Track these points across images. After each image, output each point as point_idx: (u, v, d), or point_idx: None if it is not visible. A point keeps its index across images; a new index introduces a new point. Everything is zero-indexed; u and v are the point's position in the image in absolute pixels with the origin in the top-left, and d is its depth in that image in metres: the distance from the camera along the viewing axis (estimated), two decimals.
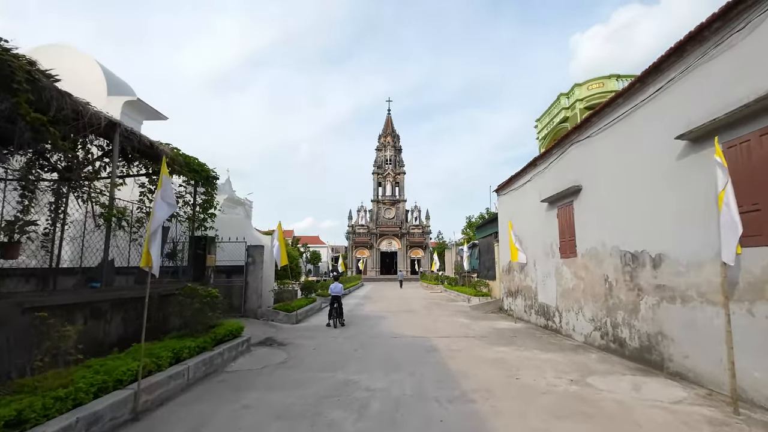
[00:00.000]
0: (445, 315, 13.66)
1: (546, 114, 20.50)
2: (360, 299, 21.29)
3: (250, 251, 11.54)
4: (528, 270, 11.57)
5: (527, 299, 11.59)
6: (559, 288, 9.48)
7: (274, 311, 11.37)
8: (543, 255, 10.45)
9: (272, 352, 7.64)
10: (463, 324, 11.30)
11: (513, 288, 12.99)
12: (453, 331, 9.94)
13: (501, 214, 14.72)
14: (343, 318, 11.08)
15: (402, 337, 9.09)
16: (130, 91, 13.99)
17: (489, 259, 19.23)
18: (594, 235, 7.87)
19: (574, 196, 8.68)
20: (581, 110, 17.40)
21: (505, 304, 13.81)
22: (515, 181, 12.76)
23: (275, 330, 10.12)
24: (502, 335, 9.32)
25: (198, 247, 8.09)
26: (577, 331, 8.47)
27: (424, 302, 19.02)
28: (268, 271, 12.28)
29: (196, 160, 8.47)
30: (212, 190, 8.64)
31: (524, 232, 11.87)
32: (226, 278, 11.50)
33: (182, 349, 5.51)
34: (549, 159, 10.11)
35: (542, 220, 10.52)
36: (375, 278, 55.37)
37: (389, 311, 15.06)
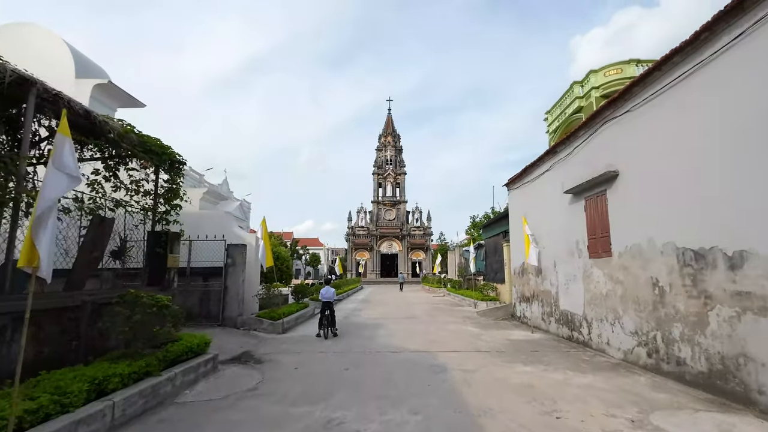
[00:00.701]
0: (451, 322, 12.24)
1: (557, 105, 19.13)
2: (358, 303, 19.88)
3: (230, 251, 10.15)
4: (546, 272, 10.16)
5: (545, 306, 10.18)
6: (587, 294, 8.07)
7: (257, 319, 9.97)
8: (566, 255, 9.05)
9: (244, 372, 6.24)
10: (473, 334, 9.88)
11: (527, 293, 11.57)
12: (462, 343, 8.53)
13: (512, 210, 13.32)
14: (335, 327, 9.68)
15: (403, 352, 7.68)
16: (101, 74, 12.66)
17: (497, 260, 17.82)
18: (636, 230, 6.48)
19: (608, 184, 7.29)
20: (597, 99, 16.04)
21: (518, 311, 12.39)
22: (530, 172, 11.37)
23: (256, 342, 8.72)
24: (520, 349, 7.91)
25: (157, 245, 6.70)
26: (613, 345, 7.05)
27: (427, 307, 17.60)
28: (252, 274, 10.89)
29: (158, 141, 7.11)
30: (177, 177, 7.27)
31: (541, 229, 10.47)
32: (203, 282, 10.11)
33: (109, 378, 4.11)
34: (573, 143, 8.73)
35: (565, 214, 9.13)
36: (375, 281, 53.92)
37: (389, 318, 13.64)
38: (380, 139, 65.77)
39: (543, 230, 10.40)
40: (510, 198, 13.47)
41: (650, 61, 15.39)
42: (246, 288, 10.44)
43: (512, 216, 13.30)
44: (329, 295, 9.56)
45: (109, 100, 12.70)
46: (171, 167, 7.28)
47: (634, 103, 6.53)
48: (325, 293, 9.57)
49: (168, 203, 7.13)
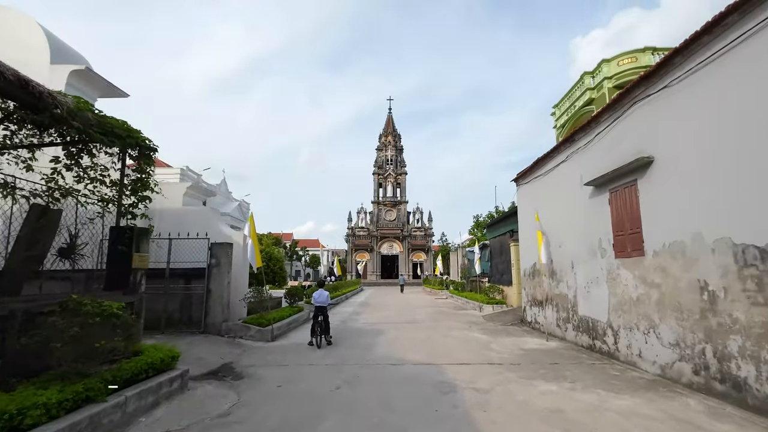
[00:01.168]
0: (456, 328, 11.31)
1: (566, 98, 18.22)
2: (357, 306, 18.95)
3: (213, 250, 9.23)
4: (562, 274, 9.22)
5: (561, 311, 9.24)
6: (612, 298, 7.13)
7: (243, 326, 9.04)
8: (586, 255, 8.12)
9: (218, 392, 5.31)
10: (481, 342, 8.95)
11: (539, 296, 10.63)
12: (470, 354, 7.60)
13: (522, 207, 12.39)
14: (329, 334, 8.75)
15: (404, 365, 6.75)
16: (79, 60, 11.77)
17: (503, 261, 16.89)
18: (678, 224, 5.55)
19: (640, 172, 6.37)
20: (610, 89, 15.12)
21: (529, 315, 11.45)
22: (543, 164, 10.44)
23: (240, 352, 7.80)
24: (537, 360, 6.97)
25: (121, 242, 5.79)
26: (647, 358, 6.12)
27: (429, 311, 16.66)
28: (239, 276, 9.98)
29: (124, 124, 6.21)
30: (147, 166, 6.35)
31: (556, 227, 9.55)
32: (185, 285, 9.19)
33: (27, 410, 3.20)
34: (595, 130, 7.81)
35: (584, 210, 8.20)
36: (375, 282, 52.98)
37: (389, 322, 12.71)
38: (380, 139, 64.91)
39: (558, 228, 9.47)
40: (519, 194, 12.54)
41: (667, 49, 14.47)
42: (232, 291, 9.52)
43: (521, 213, 12.37)
44: (322, 299, 8.64)
45: (87, 88, 11.79)
46: (140, 154, 6.38)
47: (674, 77, 5.61)
48: (318, 297, 8.65)
49: (135, 195, 6.22)
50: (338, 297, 21.20)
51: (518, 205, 12.65)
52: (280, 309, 11.84)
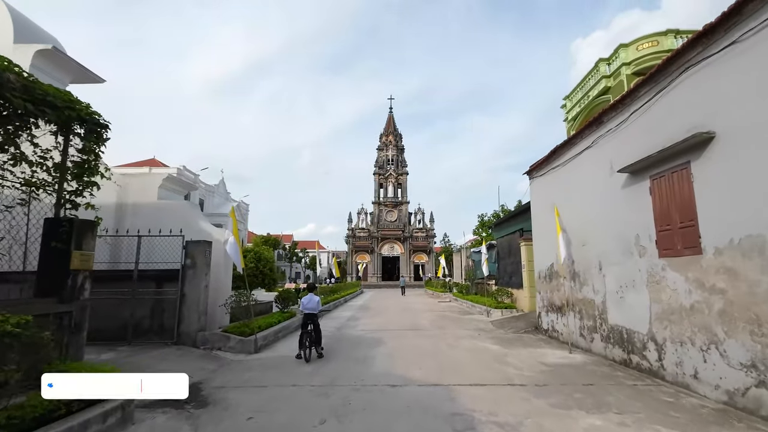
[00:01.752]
0: (464, 336, 10.16)
1: (578, 88, 17.07)
2: (356, 310, 17.81)
3: (189, 249, 8.11)
4: (587, 276, 8.07)
5: (586, 318, 8.08)
6: (655, 305, 5.98)
7: (223, 335, 7.91)
8: (618, 254, 6.97)
9: (169, 426, 4.18)
10: (495, 354, 7.80)
11: (558, 301, 9.48)
12: (486, 370, 6.45)
13: (535, 203, 11.25)
14: (321, 345, 7.62)
15: (407, 386, 5.60)
16: (48, 39, 10.68)
17: (512, 262, 15.74)
18: (752, 215, 4.40)
19: (694, 152, 5.22)
20: (628, 77, 13.98)
21: (545, 322, 10.29)
22: (561, 153, 9.30)
23: (214, 367, 6.67)
24: (567, 380, 5.82)
25: (56, 238, 4.67)
26: (707, 380, 4.96)
27: (433, 315, 15.50)
28: (220, 278, 8.86)
29: (67, 94, 5.11)
30: (94, 145, 5.24)
31: (578, 223, 8.41)
32: (156, 288, 8.06)
33: None
34: (630, 106, 6.67)
35: (616, 201, 7.06)
36: (376, 285, 51.84)
37: (389, 329, 11.57)
38: (381, 139, 63.83)
39: (581, 224, 8.33)
40: (532, 188, 11.39)
41: (691, 32, 13.35)
42: (211, 295, 8.40)
43: (535, 209, 11.22)
44: (312, 305, 7.50)
45: (56, 71, 10.69)
46: (89, 133, 5.27)
47: (746, 29, 4.47)
48: (307, 303, 7.51)
49: (78, 180, 5.10)
50: (336, 300, 20.07)
51: (531, 200, 11.50)
52: (269, 315, 10.71)
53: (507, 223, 17.35)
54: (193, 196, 50.75)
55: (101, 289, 7.77)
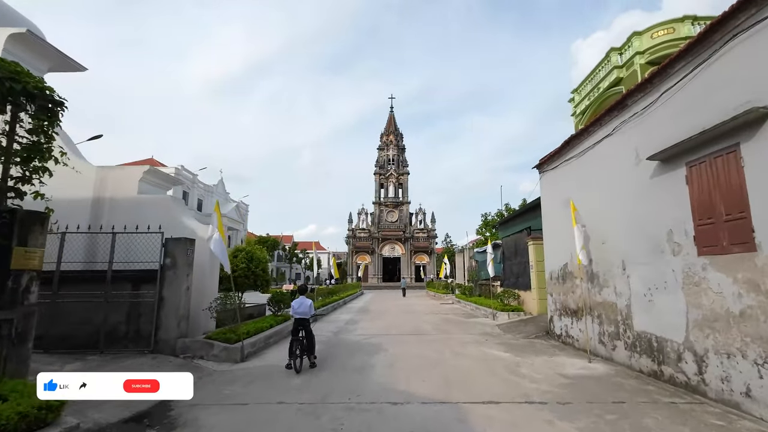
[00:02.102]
0: (471, 342, 9.41)
1: (587, 81, 16.32)
2: (355, 313, 17.07)
3: (169, 248, 7.38)
4: (608, 277, 7.31)
5: (606, 324, 7.32)
6: (693, 310, 5.22)
7: (206, 342, 7.17)
8: (645, 252, 6.22)
9: None
10: (507, 363, 7.05)
11: (573, 304, 8.73)
12: (498, 384, 5.70)
13: (546, 198, 10.50)
14: (313, 354, 6.89)
15: (410, 404, 4.85)
16: (23, 23, 9.98)
17: (519, 262, 14.97)
18: None
19: (746, 132, 4.48)
20: (642, 66, 13.23)
21: (557, 327, 9.53)
22: (576, 144, 8.56)
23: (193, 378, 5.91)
24: (593, 396, 5.06)
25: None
26: (762, 399, 4.21)
27: (436, 318, 14.75)
28: (205, 279, 8.12)
29: (14, 65, 4.40)
30: (49, 127, 4.52)
31: (597, 218, 7.67)
32: (132, 291, 7.32)
33: None
34: (660, 86, 5.92)
35: (642, 193, 6.32)
36: (377, 286, 51.09)
37: (390, 334, 10.82)
38: (382, 138, 63.12)
39: (600, 220, 7.58)
40: (543, 183, 10.64)
41: (709, 18, 12.61)
42: (194, 298, 7.67)
43: (546, 206, 10.47)
44: (304, 309, 6.76)
45: (33, 58, 9.98)
46: (39, 110, 4.54)
47: None
48: (298, 307, 6.77)
49: (25, 165, 4.37)
50: (335, 302, 19.34)
51: (542, 196, 10.75)
52: (260, 319, 9.98)
53: (513, 221, 16.60)
54: (192, 196, 50.21)
55: (70, 291, 7.08)
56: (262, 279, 11.53)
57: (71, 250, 7.55)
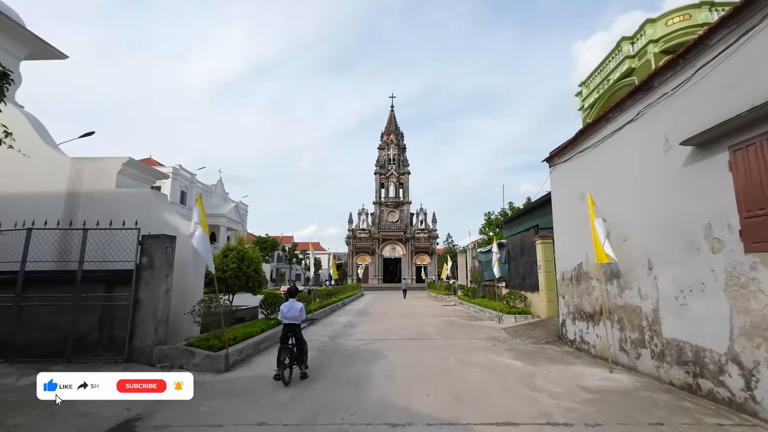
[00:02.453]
0: (477, 348, 8.72)
1: (596, 73, 15.63)
2: (354, 315, 16.38)
3: (146, 246, 6.70)
4: (631, 278, 6.62)
5: (629, 329, 6.62)
6: (739, 316, 4.53)
7: (186, 350, 6.49)
8: (677, 249, 5.53)
9: None
10: (520, 373, 6.36)
11: (588, 307, 8.04)
12: (512, 400, 5.01)
13: (558, 193, 9.81)
14: (305, 362, 6.20)
15: (413, 425, 4.17)
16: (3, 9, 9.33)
17: (525, 262, 14.28)
18: None
19: None
20: (657, 55, 12.55)
21: (570, 331, 8.83)
22: (591, 134, 7.88)
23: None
24: (623, 414, 4.37)
25: None
26: None
27: (438, 321, 14.06)
28: (188, 280, 7.45)
29: None
30: None
31: (616, 214, 6.99)
32: (106, 293, 6.65)
33: None
34: (696, 61, 5.24)
35: (672, 183, 5.63)
36: (377, 287, 50.40)
37: (390, 338, 10.15)
38: (382, 138, 62.47)
39: (620, 215, 6.90)
40: (553, 177, 9.95)
41: (728, 4, 11.92)
42: (175, 302, 7.00)
43: (557, 201, 9.78)
44: (293, 313, 6.08)
45: (8, 44, 9.36)
46: None
47: None
48: (287, 311, 6.08)
49: None
50: (333, 304, 18.66)
51: (552, 191, 10.06)
52: (251, 323, 9.29)
53: (519, 219, 15.92)
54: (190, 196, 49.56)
55: (37, 293, 6.41)
56: (255, 280, 10.89)
57: (41, 248, 6.88)
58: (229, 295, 10.91)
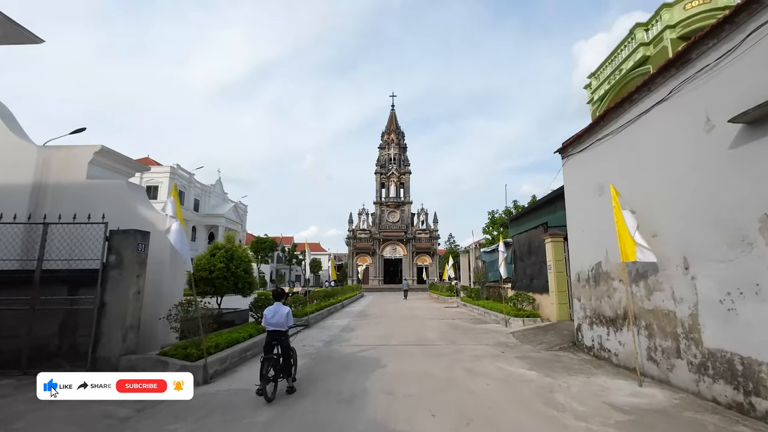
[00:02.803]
0: (485, 355, 7.96)
1: (606, 63, 14.86)
2: (352, 318, 15.64)
3: (114, 242, 5.95)
4: (661, 278, 5.85)
5: (660, 337, 5.85)
6: None
7: (159, 360, 5.73)
8: (720, 244, 4.77)
9: None
10: (535, 386, 5.60)
11: (609, 311, 7.27)
12: (533, 422, 4.25)
13: (571, 187, 9.05)
14: (292, 375, 5.46)
15: None
16: None
17: (534, 262, 13.50)
18: None
19: None
20: (674, 41, 11.79)
21: (587, 337, 8.06)
22: (613, 118, 7.13)
23: (128, 413, 4.48)
24: None
25: None
26: None
27: (441, 324, 13.29)
28: (164, 281, 6.69)
29: None
30: None
31: (642, 206, 6.22)
32: (69, 295, 5.91)
33: None
34: (745, 25, 4.48)
35: (714, 168, 4.88)
36: (378, 288, 49.62)
37: (390, 344, 9.39)
38: (383, 137, 61.75)
39: (650, 206, 6.13)
40: (567, 169, 9.19)
41: None
42: (151, 304, 6.24)
43: (572, 195, 9.02)
44: (278, 319, 5.32)
45: None
46: None
47: None
48: (272, 316, 5.32)
49: None
50: (331, 306, 17.91)
51: (566, 184, 9.30)
52: (237, 328, 8.54)
53: (526, 217, 15.15)
54: (188, 196, 48.87)
55: None
56: (245, 281, 10.14)
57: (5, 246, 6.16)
58: (217, 298, 10.17)
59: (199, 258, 9.87)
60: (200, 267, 9.62)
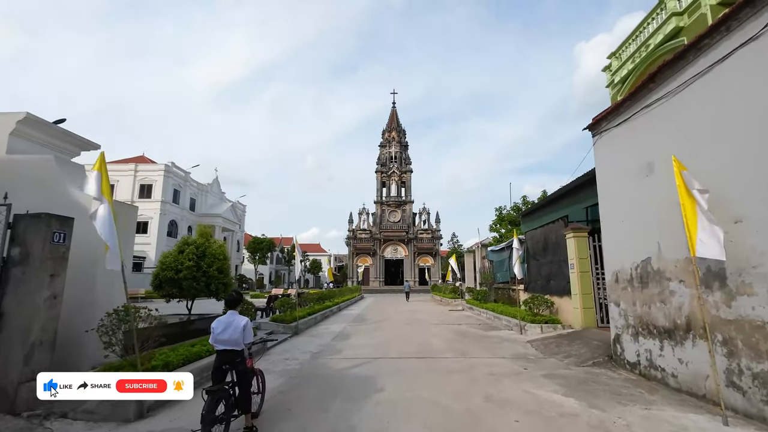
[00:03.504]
0: (505, 372, 6.48)
1: (630, 40, 13.37)
2: (349, 322, 14.18)
3: (19, 230, 4.50)
4: (747, 278, 4.37)
5: (747, 356, 4.36)
6: None
7: None
8: None
9: None
10: (582, 421, 4.14)
11: (662, 319, 5.78)
12: None
13: (606, 168, 7.57)
14: (254, 409, 4.00)
15: None
16: None
17: (551, 261, 12.00)
18: None
19: None
20: (714, 8, 10.28)
21: (630, 351, 6.56)
22: (669, 76, 5.65)
23: None
24: None
25: None
26: None
27: (447, 331, 11.81)
28: (96, 282, 5.23)
29: None
30: None
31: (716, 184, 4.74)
32: None
33: None
34: None
35: None
36: (378, 289, 48.10)
37: (389, 356, 7.94)
38: (384, 135, 60.30)
39: (727, 185, 4.66)
40: (599, 149, 7.71)
41: None
42: (72, 313, 4.78)
43: (606, 179, 7.55)
44: (231, 334, 3.85)
45: None
46: None
47: None
48: (221, 331, 3.87)
49: None
50: (326, 309, 16.45)
51: (598, 166, 7.81)
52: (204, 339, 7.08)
53: (541, 210, 13.66)
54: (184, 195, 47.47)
55: None
56: (219, 282, 8.68)
57: None
58: (187, 302, 8.72)
59: (165, 255, 8.43)
60: (166, 266, 8.18)
